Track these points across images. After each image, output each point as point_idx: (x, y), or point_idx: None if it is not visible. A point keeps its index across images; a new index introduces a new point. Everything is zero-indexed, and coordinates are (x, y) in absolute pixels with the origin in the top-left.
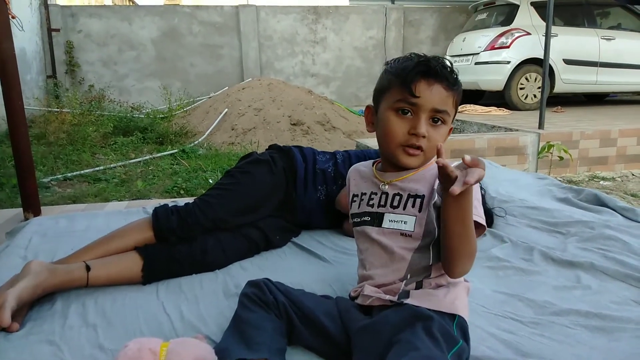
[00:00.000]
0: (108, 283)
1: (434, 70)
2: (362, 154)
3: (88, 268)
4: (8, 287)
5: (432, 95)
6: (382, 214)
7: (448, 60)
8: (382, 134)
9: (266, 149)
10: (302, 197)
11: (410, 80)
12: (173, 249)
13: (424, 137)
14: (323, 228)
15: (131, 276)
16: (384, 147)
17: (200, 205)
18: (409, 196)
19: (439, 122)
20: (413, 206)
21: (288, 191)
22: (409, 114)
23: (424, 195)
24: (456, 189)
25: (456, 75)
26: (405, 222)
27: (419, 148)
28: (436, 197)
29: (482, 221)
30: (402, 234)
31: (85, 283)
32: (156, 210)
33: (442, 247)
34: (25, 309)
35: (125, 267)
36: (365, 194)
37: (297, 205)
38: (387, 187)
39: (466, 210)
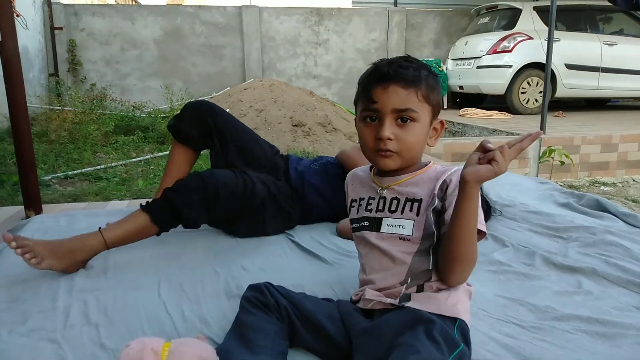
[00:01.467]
0: (124, 237)
1: (386, 73)
2: None
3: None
4: None
5: (389, 97)
6: (381, 219)
7: (411, 57)
8: (360, 143)
9: None
10: (295, 165)
11: (368, 88)
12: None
13: (389, 139)
14: (319, 188)
15: (142, 225)
16: (365, 155)
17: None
18: (407, 200)
19: (408, 121)
20: (411, 210)
21: (277, 163)
22: (376, 120)
23: (421, 199)
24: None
25: (420, 69)
26: (403, 227)
27: (388, 151)
28: (437, 202)
29: (483, 228)
30: (400, 238)
31: (103, 242)
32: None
33: (444, 252)
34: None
35: (134, 219)
36: (363, 199)
37: (288, 171)
38: (384, 191)
39: (475, 209)
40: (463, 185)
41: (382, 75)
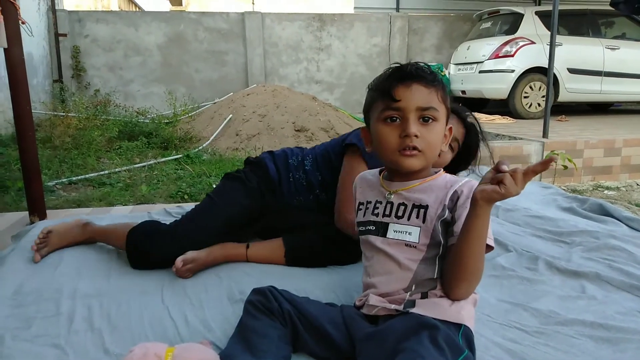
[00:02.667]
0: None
1: (409, 72)
2: (326, 150)
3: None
4: None
5: (412, 95)
6: (387, 224)
7: (423, 63)
8: (377, 146)
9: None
10: (283, 202)
11: (388, 87)
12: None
13: (416, 136)
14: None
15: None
16: (384, 158)
17: (173, 235)
18: (414, 206)
19: (430, 120)
20: (417, 217)
21: (266, 202)
22: (397, 120)
23: (427, 206)
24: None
25: (434, 73)
26: (409, 233)
27: (415, 148)
28: (447, 214)
29: (491, 242)
30: (406, 245)
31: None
32: (130, 234)
33: (450, 266)
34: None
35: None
36: (370, 202)
37: (278, 209)
38: (392, 196)
39: (485, 227)
40: (473, 203)
41: (405, 74)
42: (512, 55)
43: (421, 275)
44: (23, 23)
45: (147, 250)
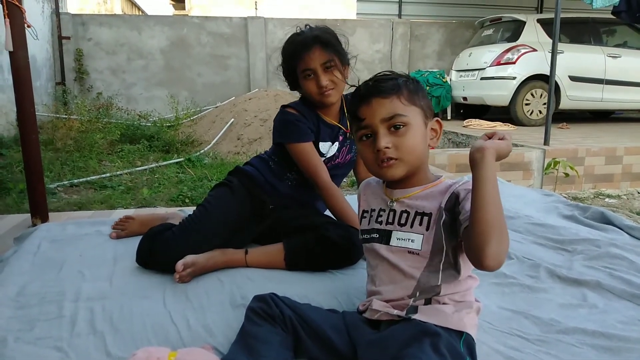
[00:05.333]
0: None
1: (366, 90)
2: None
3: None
4: None
5: (372, 110)
6: (390, 232)
7: (387, 72)
8: (364, 162)
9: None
10: (276, 188)
11: (353, 109)
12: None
13: (387, 148)
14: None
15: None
16: (370, 173)
17: (170, 244)
18: (417, 214)
19: (401, 127)
20: (420, 224)
21: (259, 199)
22: (371, 136)
23: (431, 214)
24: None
25: (397, 78)
26: (412, 241)
27: (390, 159)
28: (444, 216)
29: None
30: (409, 252)
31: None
32: (140, 244)
33: (474, 226)
34: None
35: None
36: (374, 210)
37: (270, 193)
38: (394, 204)
39: (495, 176)
40: (482, 156)
41: (363, 94)
42: (514, 63)
43: (425, 283)
44: (29, 27)
45: (154, 258)
